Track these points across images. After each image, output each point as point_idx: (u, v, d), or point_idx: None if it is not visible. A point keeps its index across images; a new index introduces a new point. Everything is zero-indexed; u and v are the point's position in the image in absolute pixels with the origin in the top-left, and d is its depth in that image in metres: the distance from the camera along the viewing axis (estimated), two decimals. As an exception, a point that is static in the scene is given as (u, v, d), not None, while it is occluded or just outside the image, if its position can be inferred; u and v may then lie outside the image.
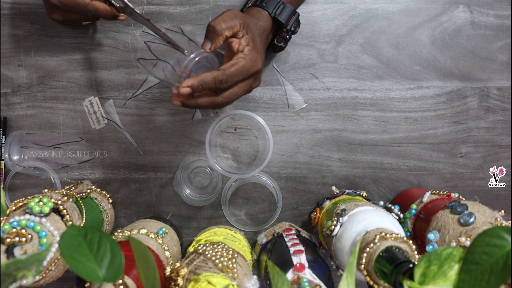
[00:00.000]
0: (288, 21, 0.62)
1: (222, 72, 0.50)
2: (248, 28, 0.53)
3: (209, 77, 0.49)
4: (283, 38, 0.64)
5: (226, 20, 0.52)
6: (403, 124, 0.73)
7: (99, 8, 0.58)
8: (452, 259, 0.39)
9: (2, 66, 0.70)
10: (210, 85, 0.50)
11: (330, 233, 0.57)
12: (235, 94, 0.53)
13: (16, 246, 0.45)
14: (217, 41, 0.52)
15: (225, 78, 0.50)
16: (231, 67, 0.51)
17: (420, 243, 0.60)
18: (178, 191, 0.72)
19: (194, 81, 0.49)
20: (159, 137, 0.72)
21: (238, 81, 0.52)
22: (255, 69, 0.53)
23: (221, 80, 0.50)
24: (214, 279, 0.46)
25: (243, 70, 0.51)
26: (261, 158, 0.71)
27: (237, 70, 0.51)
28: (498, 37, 0.72)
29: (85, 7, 0.58)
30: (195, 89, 0.49)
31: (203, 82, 0.49)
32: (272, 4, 0.60)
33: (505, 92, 0.73)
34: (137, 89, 0.71)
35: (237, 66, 0.51)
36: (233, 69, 0.51)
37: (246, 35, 0.53)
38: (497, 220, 0.51)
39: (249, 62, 0.52)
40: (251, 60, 0.52)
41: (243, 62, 0.51)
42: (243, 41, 0.53)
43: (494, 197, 0.75)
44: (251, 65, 0.52)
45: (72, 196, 0.58)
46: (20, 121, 0.71)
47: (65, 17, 0.60)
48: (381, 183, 0.74)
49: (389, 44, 0.72)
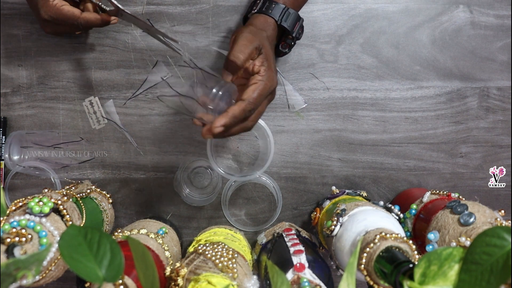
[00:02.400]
0: (294, 28, 0.61)
1: (248, 102, 0.50)
2: (263, 47, 0.53)
3: (238, 110, 0.50)
4: (288, 44, 0.64)
5: (243, 50, 0.51)
6: (403, 124, 0.73)
7: (90, 19, 0.59)
8: (452, 259, 0.39)
9: (2, 66, 0.70)
10: (241, 117, 0.50)
11: (330, 233, 0.57)
12: (260, 113, 0.54)
13: (16, 246, 0.45)
14: (238, 72, 0.53)
15: (252, 106, 0.50)
16: (253, 93, 0.51)
17: (420, 243, 0.60)
18: (178, 191, 0.72)
19: (226, 120, 0.49)
20: (159, 137, 0.72)
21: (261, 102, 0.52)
22: (274, 87, 0.53)
23: (250, 109, 0.50)
24: (214, 279, 0.46)
25: (264, 92, 0.52)
26: (262, 158, 0.71)
27: (259, 94, 0.51)
28: (498, 37, 0.72)
29: (76, 21, 0.58)
30: (228, 126, 0.49)
31: (234, 117, 0.49)
32: (277, 11, 0.59)
33: (505, 92, 0.73)
34: (137, 89, 0.71)
35: (258, 90, 0.51)
36: (256, 95, 0.51)
37: (260, 55, 0.53)
38: (497, 220, 0.51)
39: (267, 82, 0.52)
40: (268, 80, 0.52)
41: (262, 84, 0.52)
42: (257, 62, 0.53)
43: (494, 197, 0.75)
44: (270, 85, 0.52)
45: (72, 196, 0.58)
46: (20, 121, 0.71)
47: (57, 30, 0.61)
48: (381, 183, 0.74)
49: (389, 44, 0.72)
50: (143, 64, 0.70)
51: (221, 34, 0.71)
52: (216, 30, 0.70)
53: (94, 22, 0.59)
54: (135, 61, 0.70)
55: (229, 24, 0.71)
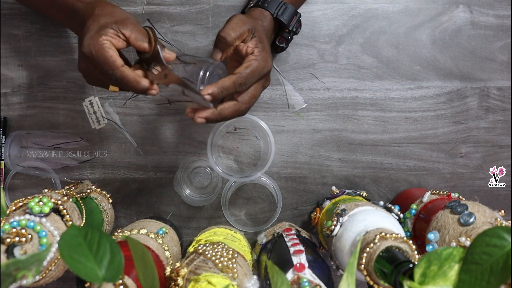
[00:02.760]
0: (290, 22, 0.62)
1: (239, 75, 0.50)
2: (255, 31, 0.53)
3: (228, 82, 0.49)
4: (285, 38, 0.65)
5: (235, 28, 0.52)
6: (403, 124, 0.73)
7: (127, 76, 0.48)
8: (452, 259, 0.39)
9: (2, 66, 0.70)
10: (230, 90, 0.50)
11: (330, 233, 0.57)
12: (254, 96, 0.53)
13: (16, 246, 0.45)
14: (228, 51, 0.53)
15: (243, 80, 0.50)
16: (246, 69, 0.51)
17: (420, 243, 0.60)
18: (178, 191, 0.72)
19: (214, 88, 0.48)
20: (159, 137, 0.72)
21: (253, 82, 0.52)
22: (267, 69, 0.53)
23: (240, 82, 0.50)
24: (214, 279, 0.46)
25: (258, 71, 0.52)
26: (263, 159, 0.71)
27: (252, 71, 0.51)
28: (498, 37, 0.72)
29: (113, 70, 0.48)
30: (215, 96, 0.49)
31: (223, 88, 0.49)
32: (274, 4, 0.59)
33: (505, 92, 0.73)
34: (137, 89, 0.71)
35: (252, 67, 0.51)
36: (249, 71, 0.51)
37: (254, 38, 0.53)
38: (497, 220, 0.51)
39: (261, 62, 0.52)
40: (263, 60, 0.52)
41: (256, 63, 0.52)
42: (250, 44, 0.53)
43: (494, 197, 0.75)
44: (264, 65, 0.52)
45: (72, 196, 0.58)
46: (20, 121, 0.71)
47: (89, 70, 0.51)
48: (381, 183, 0.74)
49: (389, 44, 0.72)
50: (143, 64, 0.70)
51: (221, 34, 0.71)
52: (216, 30, 0.70)
53: (131, 82, 0.49)
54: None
55: (229, 24, 0.71)
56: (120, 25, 0.49)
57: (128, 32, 0.49)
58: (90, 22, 0.49)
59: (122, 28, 0.49)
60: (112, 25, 0.49)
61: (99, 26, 0.48)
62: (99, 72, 0.49)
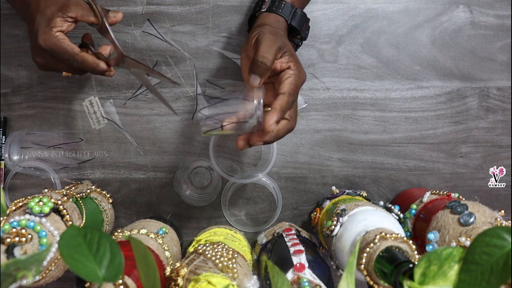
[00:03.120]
0: (302, 28, 0.61)
1: (288, 94, 0.50)
2: (285, 45, 0.52)
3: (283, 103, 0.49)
4: (295, 44, 0.64)
5: (269, 51, 0.51)
6: (403, 124, 0.73)
7: (87, 60, 0.55)
8: (452, 259, 0.39)
9: (2, 66, 0.70)
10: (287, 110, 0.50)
11: (330, 233, 0.57)
12: (296, 111, 0.54)
13: (16, 246, 0.45)
14: (266, 74, 0.51)
15: (293, 98, 0.51)
16: (291, 85, 0.51)
17: (420, 243, 0.60)
18: (178, 191, 0.72)
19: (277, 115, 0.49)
20: (159, 137, 0.72)
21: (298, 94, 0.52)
22: (304, 79, 0.53)
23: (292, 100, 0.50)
24: (214, 279, 0.46)
25: (299, 84, 0.52)
26: (264, 159, 0.71)
27: (296, 85, 0.51)
28: (498, 37, 0.72)
29: (73, 57, 0.54)
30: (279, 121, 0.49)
31: (282, 111, 0.49)
32: (287, 10, 0.58)
33: (505, 92, 0.73)
34: (137, 89, 0.71)
35: (294, 81, 0.51)
36: (293, 87, 0.51)
37: (285, 54, 0.52)
38: (497, 220, 0.51)
39: (299, 74, 0.52)
40: (300, 73, 0.52)
41: (297, 76, 0.52)
42: (284, 60, 0.52)
43: (494, 197, 0.75)
44: (301, 77, 0.52)
45: (72, 196, 0.58)
46: (20, 121, 0.71)
47: (49, 63, 0.56)
48: (381, 183, 0.74)
49: (389, 44, 0.72)
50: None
51: (221, 34, 0.71)
52: (216, 30, 0.70)
53: (91, 65, 0.55)
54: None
55: (229, 24, 0.71)
56: (65, 10, 0.54)
57: (73, 13, 0.54)
58: (38, 18, 0.54)
59: (67, 12, 0.54)
60: (57, 13, 0.53)
61: (47, 19, 0.53)
62: (58, 62, 0.55)
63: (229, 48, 0.71)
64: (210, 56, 0.71)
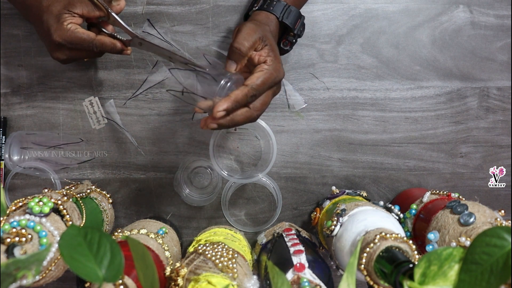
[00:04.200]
0: (295, 25, 0.61)
1: (251, 87, 0.50)
2: (266, 38, 0.53)
3: (240, 95, 0.49)
4: (289, 42, 0.64)
5: (247, 38, 0.51)
6: (403, 124, 0.73)
7: (105, 43, 0.57)
8: (452, 259, 0.39)
9: (2, 66, 0.70)
10: (243, 103, 0.50)
11: (330, 233, 0.57)
12: (265, 103, 0.53)
13: (16, 246, 0.45)
14: (242, 61, 0.52)
15: (255, 92, 0.50)
16: (257, 80, 0.51)
17: (420, 243, 0.60)
18: (178, 191, 0.72)
19: (228, 104, 0.48)
20: (159, 137, 0.72)
21: (265, 91, 0.52)
22: (279, 78, 0.53)
23: (252, 94, 0.50)
24: (214, 279, 0.46)
25: (269, 80, 0.51)
26: (265, 159, 0.71)
27: (264, 81, 0.51)
28: (498, 37, 0.72)
29: (91, 43, 0.56)
30: (229, 111, 0.49)
31: (236, 102, 0.49)
32: (279, 8, 0.59)
33: (505, 92, 0.73)
34: (137, 89, 0.71)
35: (263, 77, 0.51)
36: (260, 82, 0.51)
37: (265, 47, 0.53)
38: (497, 220, 0.51)
39: (273, 72, 0.52)
40: (274, 70, 0.52)
41: (268, 72, 0.51)
42: (263, 53, 0.53)
43: (494, 197, 0.75)
44: (276, 75, 0.52)
45: (72, 196, 0.58)
46: (20, 121, 0.71)
47: (69, 55, 0.58)
48: (381, 183, 0.74)
49: (389, 44, 0.72)
50: (143, 64, 0.70)
51: (221, 34, 0.71)
52: (216, 30, 0.70)
53: (109, 46, 0.57)
54: (135, 61, 0.70)
55: (229, 24, 0.71)
56: (70, 7, 0.55)
57: (79, 10, 0.56)
58: (46, 17, 0.55)
59: (72, 9, 0.55)
60: (63, 10, 0.55)
61: (55, 16, 0.55)
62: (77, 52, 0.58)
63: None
64: (210, 56, 0.71)
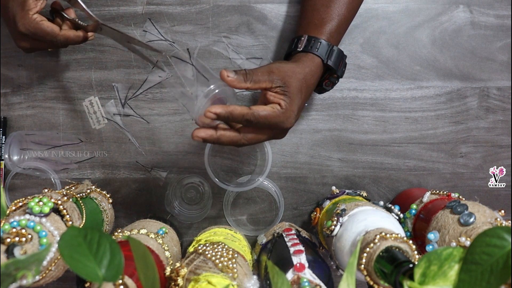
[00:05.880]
0: (339, 66, 0.59)
1: (252, 113, 0.48)
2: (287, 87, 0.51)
3: (238, 111, 0.48)
4: (332, 82, 0.62)
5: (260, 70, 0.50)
6: (403, 124, 0.73)
7: (70, 37, 0.58)
8: (452, 259, 0.39)
9: (2, 66, 0.70)
10: (236, 120, 0.48)
11: (330, 233, 0.57)
12: (258, 139, 0.51)
13: (16, 246, 0.45)
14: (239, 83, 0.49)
15: (253, 119, 0.48)
16: (262, 111, 0.48)
17: (420, 243, 0.60)
18: (169, 209, 0.72)
19: (222, 110, 0.47)
20: (159, 137, 0.72)
21: (264, 127, 0.50)
22: (286, 126, 0.51)
23: (248, 119, 0.48)
24: (214, 279, 0.46)
25: (273, 120, 0.49)
26: (259, 165, 0.70)
27: (267, 116, 0.49)
28: (498, 37, 0.72)
29: (55, 37, 0.57)
30: (220, 117, 0.48)
31: (231, 114, 0.47)
32: (323, 49, 0.56)
33: (505, 92, 0.73)
34: (137, 89, 0.71)
35: (268, 113, 0.49)
36: (263, 114, 0.49)
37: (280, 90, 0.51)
38: (497, 220, 0.51)
39: (282, 116, 0.50)
40: (284, 115, 0.50)
41: (275, 113, 0.49)
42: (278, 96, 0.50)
43: (494, 197, 0.75)
44: (283, 121, 0.50)
45: (72, 196, 0.58)
46: (20, 121, 0.71)
47: (33, 45, 0.58)
48: (381, 183, 0.74)
49: (389, 44, 0.72)
50: (143, 64, 0.70)
51: (221, 34, 0.71)
52: (216, 30, 0.70)
53: (74, 39, 0.58)
54: (135, 61, 0.70)
55: (229, 24, 0.71)
56: None
57: None
58: (11, 4, 0.56)
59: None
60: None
61: (20, 3, 0.55)
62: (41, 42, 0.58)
63: (229, 48, 0.71)
64: (210, 56, 0.71)
